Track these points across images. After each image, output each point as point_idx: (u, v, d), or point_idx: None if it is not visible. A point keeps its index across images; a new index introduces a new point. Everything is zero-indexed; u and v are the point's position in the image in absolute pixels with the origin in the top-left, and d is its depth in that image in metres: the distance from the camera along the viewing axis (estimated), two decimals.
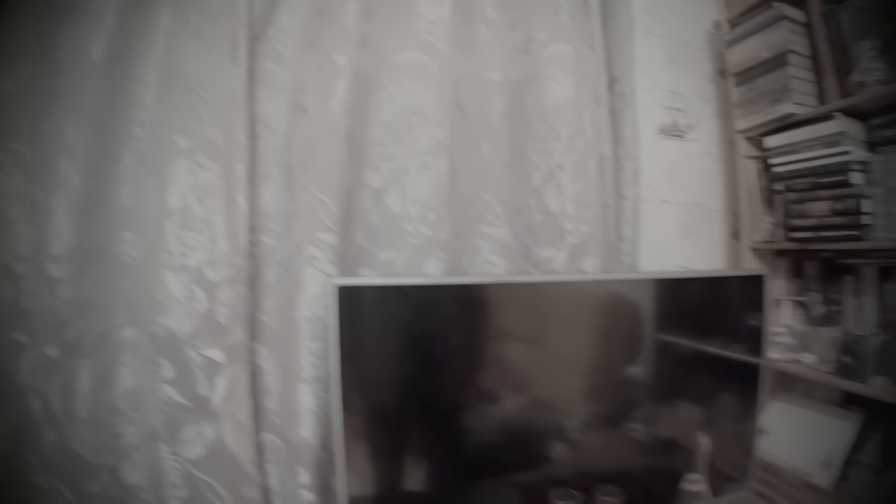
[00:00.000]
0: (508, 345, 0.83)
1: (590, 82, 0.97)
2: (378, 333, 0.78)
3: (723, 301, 0.96)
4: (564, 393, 0.87)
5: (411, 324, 0.78)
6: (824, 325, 1.10)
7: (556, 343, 0.85)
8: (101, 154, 0.90)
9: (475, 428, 0.83)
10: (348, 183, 0.85)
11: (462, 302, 0.79)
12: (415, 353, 0.80)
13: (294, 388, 0.85)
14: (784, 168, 1.12)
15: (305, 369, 0.83)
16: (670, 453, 0.93)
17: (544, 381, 0.86)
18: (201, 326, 0.86)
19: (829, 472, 1.00)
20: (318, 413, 0.84)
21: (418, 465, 0.84)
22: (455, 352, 0.81)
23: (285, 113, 0.87)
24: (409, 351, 0.79)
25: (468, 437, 0.83)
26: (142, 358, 0.90)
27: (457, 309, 0.79)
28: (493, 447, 0.84)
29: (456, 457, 0.84)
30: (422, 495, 0.85)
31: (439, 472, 0.85)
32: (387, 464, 0.84)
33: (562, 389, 0.87)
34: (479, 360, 0.82)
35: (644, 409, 0.92)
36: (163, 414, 0.89)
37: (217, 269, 0.85)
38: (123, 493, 0.91)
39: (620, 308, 0.86)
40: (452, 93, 0.89)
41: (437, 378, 0.81)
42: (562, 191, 0.93)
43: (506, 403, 0.85)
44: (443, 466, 0.84)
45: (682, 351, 0.93)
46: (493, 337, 0.82)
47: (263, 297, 0.86)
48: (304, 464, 0.86)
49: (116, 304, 0.90)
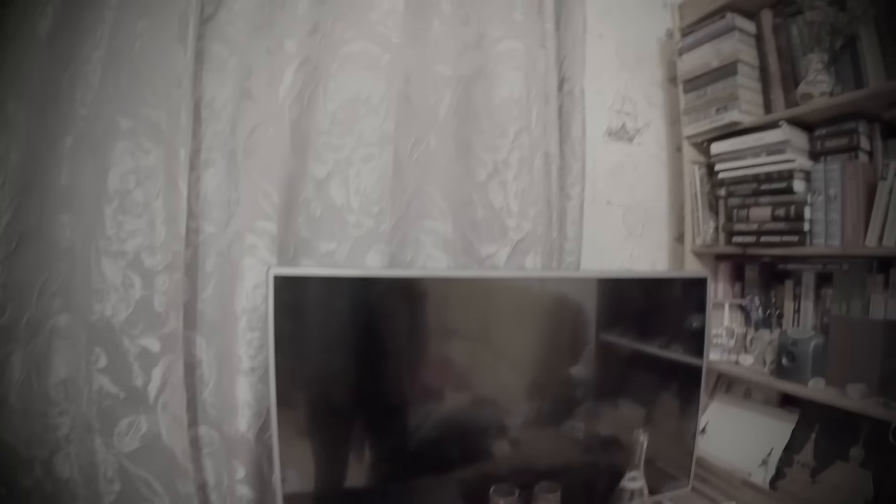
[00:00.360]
0: (448, 340, 0.83)
1: (540, 81, 0.98)
2: (316, 325, 0.78)
3: (665, 303, 0.99)
4: (505, 390, 0.88)
5: (350, 316, 0.78)
6: (764, 327, 1.14)
7: (497, 340, 0.86)
8: (41, 133, 0.87)
9: (415, 423, 0.83)
10: (291, 172, 0.84)
11: (402, 295, 0.79)
12: (354, 346, 0.79)
13: (231, 380, 0.83)
14: (728, 174, 1.15)
15: (243, 361, 0.82)
16: (610, 451, 0.95)
17: (485, 377, 0.87)
18: (137, 314, 0.84)
19: (766, 470, 1.03)
20: (255, 406, 0.83)
21: (357, 461, 0.84)
22: (395, 346, 0.80)
23: (232, 98, 0.85)
24: (348, 344, 0.79)
25: (407, 433, 0.83)
26: (76, 346, 0.87)
27: (396, 302, 0.79)
28: (432, 443, 0.84)
29: (394, 452, 0.84)
30: (361, 491, 0.85)
31: (378, 468, 0.84)
32: (325, 459, 0.83)
33: (502, 386, 0.88)
34: (419, 354, 0.82)
35: (585, 408, 0.93)
36: (97, 405, 0.86)
37: (155, 255, 0.83)
38: (56, 487, 0.88)
39: (562, 307, 0.88)
40: (402, 85, 0.88)
41: (377, 372, 0.80)
42: (506, 187, 0.94)
43: (446, 399, 0.85)
44: (381, 462, 0.84)
45: (624, 350, 0.95)
46: (432, 332, 0.82)
47: (202, 286, 0.85)
48: (241, 458, 0.84)
49: (51, 290, 0.87)
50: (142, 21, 0.87)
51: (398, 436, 0.83)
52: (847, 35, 0.99)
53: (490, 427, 0.88)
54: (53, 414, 0.88)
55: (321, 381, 0.79)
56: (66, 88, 0.87)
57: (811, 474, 0.97)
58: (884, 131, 1.01)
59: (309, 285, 0.77)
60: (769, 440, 1.06)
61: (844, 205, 0.98)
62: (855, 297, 1.02)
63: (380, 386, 0.81)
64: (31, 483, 0.89)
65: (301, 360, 0.78)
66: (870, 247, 0.94)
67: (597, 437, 0.95)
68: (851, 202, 0.97)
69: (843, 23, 0.99)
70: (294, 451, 0.80)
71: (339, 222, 0.86)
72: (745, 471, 1.05)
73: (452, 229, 0.93)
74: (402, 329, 0.80)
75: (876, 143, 1.01)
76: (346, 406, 0.81)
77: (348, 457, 0.84)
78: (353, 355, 0.79)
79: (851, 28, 0.98)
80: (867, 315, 0.99)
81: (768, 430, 1.08)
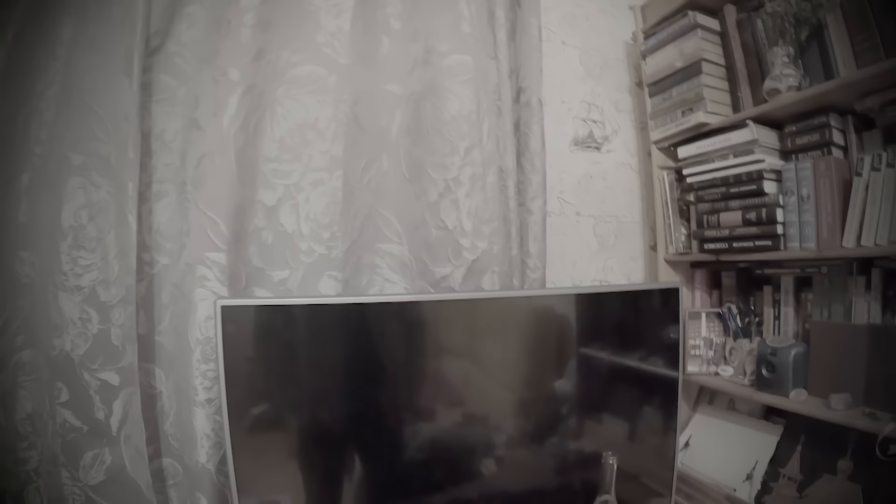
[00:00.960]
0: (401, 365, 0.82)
1: (491, 94, 0.96)
2: (268, 354, 0.77)
3: (637, 315, 0.96)
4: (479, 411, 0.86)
5: (301, 344, 0.77)
6: (742, 336, 1.10)
7: (457, 362, 0.84)
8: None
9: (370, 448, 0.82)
10: (240, 201, 0.83)
11: (352, 322, 0.78)
12: (306, 374, 0.79)
13: (189, 412, 0.83)
14: (696, 178, 1.11)
15: (199, 392, 0.82)
16: (586, 471, 0.92)
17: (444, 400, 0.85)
18: (96, 348, 0.84)
19: (751, 485, 0.99)
20: (214, 437, 0.83)
21: (316, 489, 0.83)
22: (349, 371, 0.79)
23: (181, 129, 0.85)
24: (300, 372, 0.78)
25: (364, 459, 0.82)
26: (40, 381, 0.87)
27: (347, 329, 0.78)
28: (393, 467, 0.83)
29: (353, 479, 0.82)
30: None
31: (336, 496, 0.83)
32: (285, 487, 0.82)
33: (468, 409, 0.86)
34: (373, 379, 0.81)
35: (559, 427, 0.91)
36: (62, 438, 0.87)
37: (109, 289, 0.83)
38: None
39: (525, 327, 0.85)
40: (350, 107, 0.87)
41: (329, 399, 0.79)
42: (458, 205, 0.92)
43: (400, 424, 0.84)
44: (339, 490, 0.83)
45: (598, 367, 0.93)
46: (387, 356, 0.81)
47: (159, 318, 0.85)
48: (203, 490, 0.84)
49: (14, 326, 0.87)
50: (90, 56, 0.87)
51: (358, 461, 0.82)
52: (813, 25, 0.95)
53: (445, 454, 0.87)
54: (22, 448, 0.88)
55: (276, 410, 0.78)
56: (22, 126, 0.87)
57: (798, 489, 0.93)
58: (857, 124, 0.96)
59: (257, 315, 0.76)
60: (754, 453, 1.02)
61: (818, 204, 0.93)
62: (836, 301, 0.97)
63: (334, 412, 0.80)
64: None
65: (254, 390, 0.77)
66: (848, 248, 0.90)
67: (571, 455, 0.92)
68: (825, 201, 0.93)
69: (807, 12, 0.94)
70: (254, 481, 0.79)
71: (290, 250, 0.86)
72: (729, 486, 1.01)
73: (408, 251, 0.91)
74: (354, 354, 0.79)
75: (850, 137, 0.96)
76: (301, 433, 0.80)
77: (310, 485, 0.83)
78: (306, 382, 0.79)
79: (817, 17, 0.94)
80: (849, 319, 0.94)
81: (753, 443, 1.04)
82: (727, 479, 1.02)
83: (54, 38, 0.89)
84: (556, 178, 1.01)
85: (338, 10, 0.88)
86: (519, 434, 0.89)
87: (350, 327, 0.77)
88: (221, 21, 0.89)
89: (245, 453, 0.77)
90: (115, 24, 0.90)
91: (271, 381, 0.77)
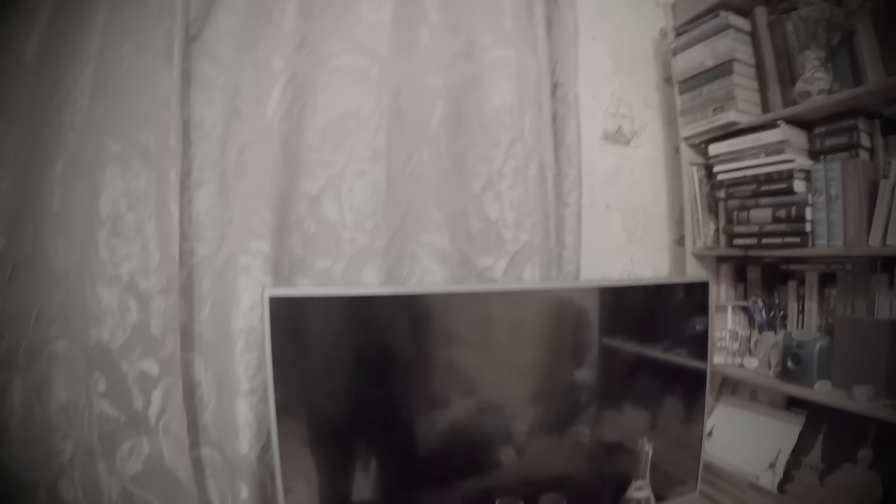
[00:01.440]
0: (448, 353, 0.83)
1: (532, 88, 0.96)
2: (314, 344, 0.77)
3: (667, 308, 0.98)
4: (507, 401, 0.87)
5: (347, 334, 0.77)
6: (768, 329, 1.12)
7: (496, 352, 0.85)
8: (31, 158, 0.86)
9: (417, 437, 0.83)
10: (283, 190, 0.83)
11: (399, 311, 0.79)
12: (353, 363, 0.79)
13: (231, 401, 0.83)
14: (727, 175, 1.13)
15: (242, 382, 0.82)
16: (616, 458, 0.94)
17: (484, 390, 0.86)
18: (135, 338, 0.83)
19: (773, 473, 1.02)
20: (256, 426, 0.83)
21: (361, 477, 0.83)
22: (394, 361, 0.80)
23: (220, 117, 0.85)
24: (346, 361, 0.78)
25: (410, 447, 0.83)
26: (75, 371, 0.87)
27: (393, 318, 0.78)
28: (435, 456, 0.84)
29: (397, 466, 0.83)
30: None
31: (382, 482, 0.84)
32: (328, 476, 0.82)
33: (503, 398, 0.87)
34: (420, 368, 0.82)
35: (589, 416, 0.92)
36: (98, 429, 0.86)
37: (150, 278, 0.82)
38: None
39: (562, 318, 0.87)
40: (391, 98, 0.87)
41: (377, 388, 0.80)
42: (501, 198, 0.92)
43: (448, 411, 0.85)
44: (385, 476, 0.83)
45: (628, 357, 0.94)
46: (432, 346, 0.82)
47: (198, 308, 0.84)
48: (244, 478, 0.84)
49: (48, 316, 0.86)
50: (127, 43, 0.86)
51: (401, 450, 0.83)
52: (844, 31, 0.97)
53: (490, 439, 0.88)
54: (56, 439, 0.88)
55: (321, 400, 0.78)
56: (55, 113, 0.86)
57: (819, 477, 0.96)
58: (884, 128, 0.99)
59: (305, 305, 0.76)
60: (776, 443, 1.04)
61: (846, 204, 0.96)
62: (859, 297, 1.00)
63: (381, 401, 0.80)
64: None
65: (300, 379, 0.77)
66: (873, 246, 0.92)
67: (602, 443, 0.94)
68: (853, 202, 0.95)
69: (839, 18, 0.97)
70: (297, 470, 0.79)
71: (333, 239, 0.86)
72: (752, 474, 1.03)
73: (449, 242, 0.92)
74: (402, 344, 0.79)
75: (877, 141, 0.99)
76: (347, 423, 0.80)
77: (352, 473, 0.84)
78: (352, 372, 0.79)
79: (848, 23, 0.96)
80: (872, 315, 0.97)
81: (775, 433, 1.06)
82: (750, 468, 1.04)
83: (88, 24, 0.88)
84: (587, 172, 1.02)
85: (379, 1, 0.88)
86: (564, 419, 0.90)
87: (400, 316, 0.77)
88: (262, 9, 0.88)
89: (290, 442, 0.77)
90: (153, 10, 0.89)
91: (318, 369, 0.77)
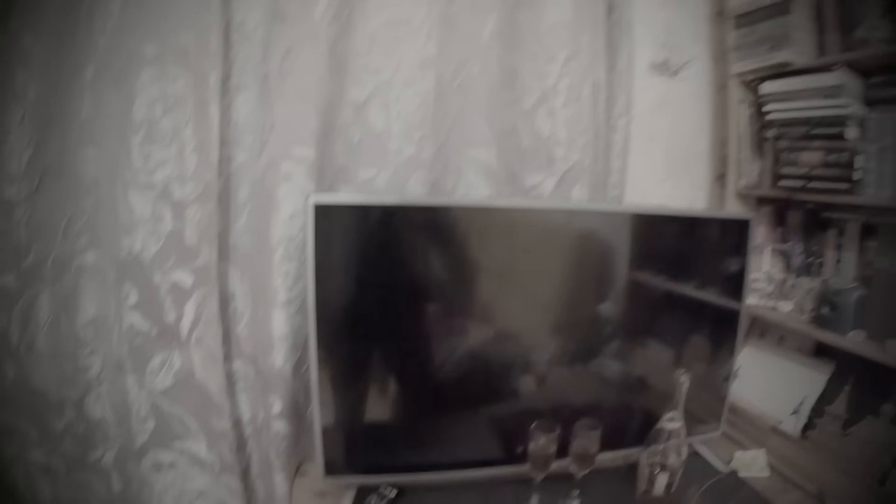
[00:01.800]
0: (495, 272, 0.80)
1: (589, 6, 0.92)
2: (356, 255, 0.74)
3: (705, 243, 0.94)
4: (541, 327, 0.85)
5: (392, 245, 0.74)
6: (804, 275, 1.10)
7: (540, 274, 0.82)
8: (60, 65, 0.83)
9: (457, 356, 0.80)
10: (328, 96, 0.80)
11: (447, 224, 0.75)
12: (395, 275, 0.76)
13: (267, 313, 0.80)
14: (778, 115, 1.09)
15: (279, 293, 0.79)
16: (642, 392, 0.93)
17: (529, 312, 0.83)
18: (168, 248, 0.80)
19: (797, 419, 1.00)
20: (292, 339, 0.80)
21: (396, 394, 0.81)
22: (438, 275, 0.77)
23: (262, 20, 0.80)
24: (388, 273, 0.75)
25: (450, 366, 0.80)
26: (105, 284, 0.84)
27: (441, 231, 0.75)
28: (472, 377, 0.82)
29: (433, 385, 0.81)
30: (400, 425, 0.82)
31: (418, 400, 0.82)
32: (362, 392, 0.80)
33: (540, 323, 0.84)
34: (463, 285, 0.79)
35: (624, 347, 0.90)
36: (128, 343, 0.84)
37: (185, 185, 0.79)
38: (89, 428, 0.86)
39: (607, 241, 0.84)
40: (443, 7, 0.83)
41: (417, 303, 0.77)
42: (554, 115, 0.89)
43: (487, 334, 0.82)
44: (421, 394, 0.81)
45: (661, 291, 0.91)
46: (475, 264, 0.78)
47: (235, 217, 0.81)
48: (277, 392, 0.82)
49: (77, 227, 0.84)
50: None
51: (439, 368, 0.80)
52: None
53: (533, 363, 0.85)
54: (83, 354, 0.86)
55: (360, 313, 0.76)
56: (85, 18, 0.82)
57: (842, 426, 0.94)
58: None
59: (350, 214, 0.73)
60: (802, 389, 1.03)
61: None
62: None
63: (419, 317, 0.78)
64: (63, 425, 0.87)
65: (340, 291, 0.74)
66: None
67: (630, 377, 0.92)
68: None
69: None
70: (331, 385, 0.77)
71: (379, 148, 0.83)
72: (775, 418, 1.02)
73: (496, 158, 0.89)
74: (448, 258, 0.76)
75: None
76: (384, 338, 0.78)
77: (387, 390, 0.82)
78: (392, 285, 0.76)
79: None
80: None
81: (801, 380, 1.05)
82: (773, 412, 1.03)
83: None
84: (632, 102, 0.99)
85: None
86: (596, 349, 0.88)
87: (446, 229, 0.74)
88: None
89: (327, 355, 0.75)
90: None
91: (358, 281, 0.74)
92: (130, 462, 0.87)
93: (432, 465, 0.83)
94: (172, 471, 0.87)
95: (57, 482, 0.88)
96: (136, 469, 0.88)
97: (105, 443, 0.87)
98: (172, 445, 0.84)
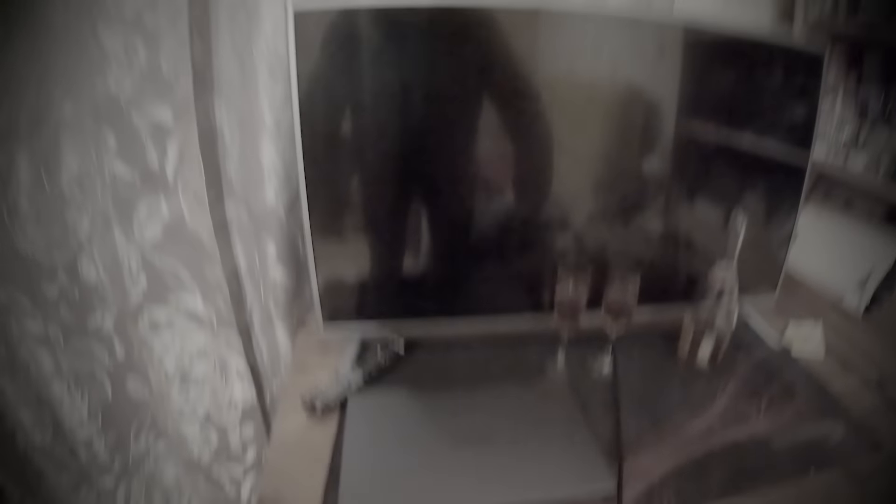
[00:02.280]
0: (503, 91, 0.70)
1: None
2: (346, 70, 0.66)
3: (769, 79, 0.78)
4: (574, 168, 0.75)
5: (388, 60, 0.65)
6: (881, 126, 0.91)
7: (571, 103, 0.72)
8: None
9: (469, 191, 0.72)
10: None
11: (452, 31, 0.65)
12: (390, 96, 0.67)
13: (255, 146, 0.74)
14: None
15: (266, 117, 0.72)
16: (692, 248, 0.82)
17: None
18: (144, 85, 0.74)
19: (861, 295, 0.89)
20: (283, 172, 0.74)
21: (398, 237, 0.74)
22: (442, 95, 0.67)
23: None
24: (384, 92, 0.67)
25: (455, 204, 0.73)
26: (84, 132, 0.79)
27: (446, 40, 0.66)
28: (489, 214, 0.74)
29: (438, 226, 0.73)
30: (404, 273, 0.76)
31: (428, 241, 0.75)
32: (362, 230, 0.74)
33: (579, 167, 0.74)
34: (469, 108, 0.70)
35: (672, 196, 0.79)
36: (112, 193, 0.79)
37: (157, 10, 0.73)
38: (84, 293, 0.83)
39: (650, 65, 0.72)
40: None
41: (417, 127, 0.68)
42: None
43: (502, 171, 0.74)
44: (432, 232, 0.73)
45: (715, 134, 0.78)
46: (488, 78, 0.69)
47: (216, 42, 0.74)
48: (271, 233, 0.77)
49: (48, 76, 0.78)
50: None
51: (452, 204, 0.73)
52: None
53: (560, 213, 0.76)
54: (70, 213, 0.81)
55: (353, 139, 0.68)
56: None
57: None
58: None
59: (339, 21, 0.65)
60: (869, 261, 0.90)
61: None
62: None
63: (416, 146, 0.69)
64: (57, 291, 0.84)
65: (330, 113, 0.67)
66: None
67: (677, 230, 0.82)
68: None
69: None
70: (328, 225, 0.70)
71: None
72: (836, 292, 0.91)
73: None
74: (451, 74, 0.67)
75: None
76: (384, 167, 0.70)
77: (394, 229, 0.74)
78: (390, 106, 0.67)
79: None
80: None
81: (870, 250, 0.91)
82: (834, 286, 0.92)
83: None
84: None
85: None
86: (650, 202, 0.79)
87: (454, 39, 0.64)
88: None
89: (319, 187, 0.67)
90: None
91: (351, 102, 0.66)
92: (129, 324, 0.84)
93: (444, 310, 0.76)
94: (170, 330, 0.83)
95: (56, 352, 0.86)
96: (134, 331, 0.84)
97: (102, 305, 0.84)
98: (167, 299, 0.80)
